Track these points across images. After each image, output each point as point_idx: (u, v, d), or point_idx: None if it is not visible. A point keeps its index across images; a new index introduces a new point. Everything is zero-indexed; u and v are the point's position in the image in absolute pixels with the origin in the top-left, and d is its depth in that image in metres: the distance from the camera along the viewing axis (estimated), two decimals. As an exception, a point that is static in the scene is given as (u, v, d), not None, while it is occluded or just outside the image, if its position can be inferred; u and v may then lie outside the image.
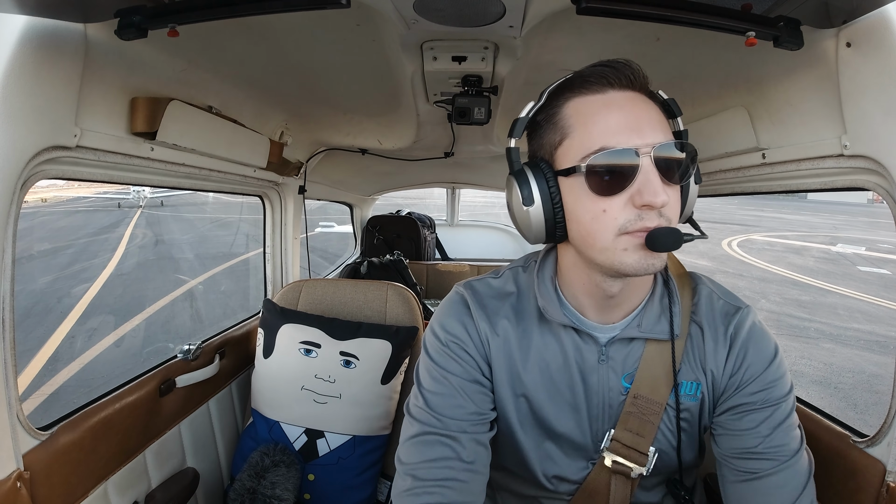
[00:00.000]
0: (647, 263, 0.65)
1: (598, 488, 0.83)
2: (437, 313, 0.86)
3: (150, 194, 17.76)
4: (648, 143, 0.64)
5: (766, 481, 0.72)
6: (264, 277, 2.06)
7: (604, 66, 0.68)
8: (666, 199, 0.64)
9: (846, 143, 0.81)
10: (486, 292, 0.85)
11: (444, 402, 0.78)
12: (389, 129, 1.86)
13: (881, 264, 10.96)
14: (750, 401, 0.76)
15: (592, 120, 0.67)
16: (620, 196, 0.65)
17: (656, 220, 0.65)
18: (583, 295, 0.78)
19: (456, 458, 0.75)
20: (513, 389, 0.82)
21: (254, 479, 1.36)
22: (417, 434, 0.78)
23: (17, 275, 0.83)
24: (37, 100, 0.77)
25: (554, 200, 0.70)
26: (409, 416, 0.82)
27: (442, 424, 0.77)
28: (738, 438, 0.76)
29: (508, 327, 0.81)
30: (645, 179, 0.64)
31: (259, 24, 0.97)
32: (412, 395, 0.84)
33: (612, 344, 0.79)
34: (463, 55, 1.10)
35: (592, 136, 0.66)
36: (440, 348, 0.82)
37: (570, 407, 0.81)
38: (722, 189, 1.29)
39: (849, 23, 0.75)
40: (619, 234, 0.65)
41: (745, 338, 0.78)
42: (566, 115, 0.69)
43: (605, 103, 0.67)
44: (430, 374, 0.81)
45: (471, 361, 0.81)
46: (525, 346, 0.81)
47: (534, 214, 0.71)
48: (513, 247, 4.04)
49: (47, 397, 4.20)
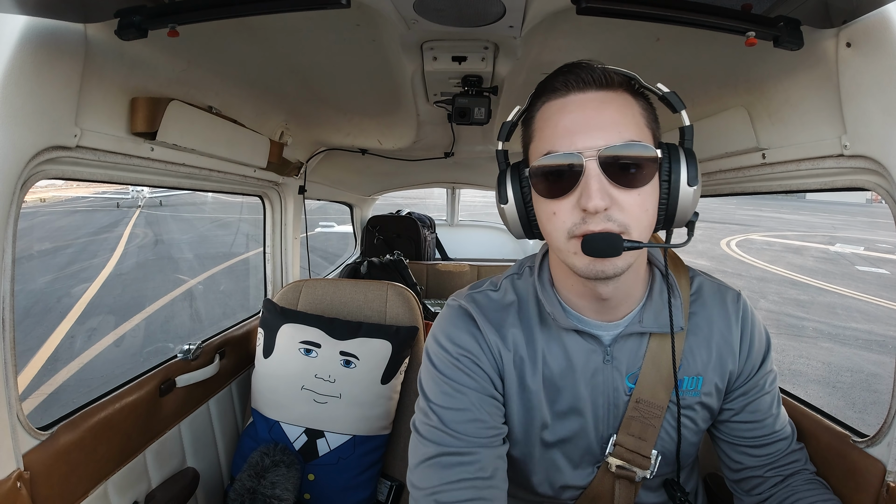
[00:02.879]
0: (596, 269, 0.65)
1: (602, 493, 0.84)
2: (441, 325, 0.83)
3: (148, 194, 17.75)
4: (592, 146, 0.63)
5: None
6: (264, 277, 2.06)
7: (566, 69, 0.68)
8: (602, 203, 0.62)
9: (846, 143, 0.81)
10: (490, 305, 0.82)
11: (461, 417, 0.74)
12: (389, 129, 1.86)
13: (880, 264, 10.97)
14: (759, 384, 0.82)
15: (549, 123, 0.68)
16: (568, 199, 0.65)
17: (602, 224, 0.64)
18: (575, 296, 0.78)
19: (478, 478, 0.71)
20: (522, 401, 0.80)
21: (254, 478, 1.35)
22: (434, 455, 0.73)
23: (17, 274, 0.83)
24: (37, 100, 0.77)
25: (525, 199, 0.74)
26: (418, 435, 0.77)
27: (461, 443, 0.73)
28: (752, 424, 0.83)
29: (517, 337, 0.80)
30: (586, 184, 0.63)
31: (259, 25, 0.97)
32: (420, 411, 0.79)
33: (615, 343, 0.79)
34: (463, 55, 1.10)
35: (545, 140, 0.68)
36: (450, 361, 0.78)
37: (576, 412, 0.80)
38: (722, 189, 1.29)
39: (849, 23, 0.75)
40: (569, 238, 0.66)
41: (752, 320, 0.82)
42: (535, 119, 0.72)
43: (562, 107, 0.67)
44: (441, 389, 0.77)
45: (483, 376, 0.78)
46: (532, 355, 0.79)
47: (508, 211, 0.76)
48: (512, 247, 4.04)
49: (47, 397, 4.20)
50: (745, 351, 0.81)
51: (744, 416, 0.82)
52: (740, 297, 0.84)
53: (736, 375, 0.81)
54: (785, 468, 0.82)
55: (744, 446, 0.83)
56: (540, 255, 0.85)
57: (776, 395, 0.84)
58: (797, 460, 0.83)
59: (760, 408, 0.82)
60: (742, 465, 0.84)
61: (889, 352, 5.64)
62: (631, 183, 0.64)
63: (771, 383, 0.83)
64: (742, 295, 0.85)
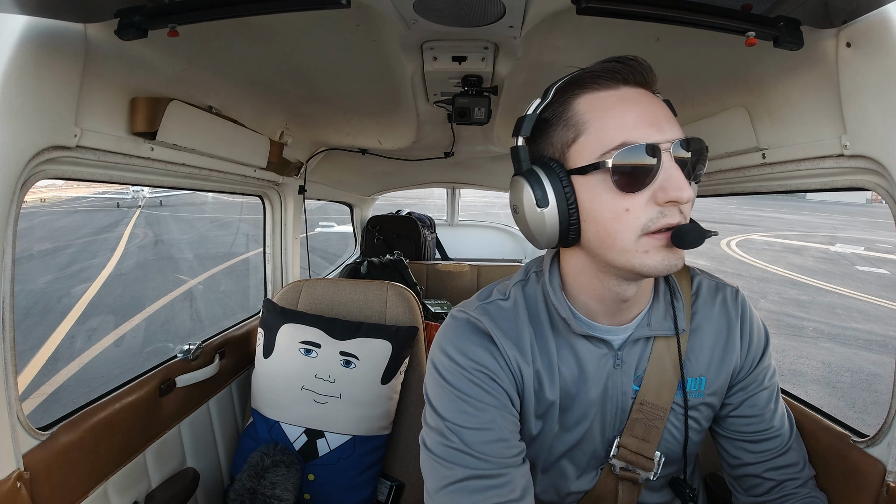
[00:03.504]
0: (671, 264, 0.64)
1: (605, 495, 0.84)
2: (449, 337, 0.77)
3: (148, 194, 17.75)
4: (668, 138, 0.63)
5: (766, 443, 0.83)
6: (264, 277, 2.06)
7: (616, 62, 0.66)
8: (691, 194, 0.62)
9: (846, 143, 0.81)
10: (503, 316, 0.78)
11: (484, 438, 0.70)
12: (389, 129, 1.86)
13: (880, 264, 10.97)
14: (758, 378, 0.82)
15: (609, 115, 0.64)
16: (643, 193, 0.63)
17: (678, 217, 0.63)
18: (593, 300, 0.75)
19: (510, 500, 0.67)
20: (538, 414, 0.78)
21: (254, 479, 1.35)
22: (461, 479, 0.68)
23: (17, 274, 0.83)
24: (37, 100, 0.77)
25: (569, 201, 0.66)
26: (435, 457, 0.71)
27: (488, 465, 0.68)
28: (751, 419, 0.83)
29: (534, 350, 0.77)
30: (668, 175, 0.62)
31: (259, 25, 0.97)
32: (433, 430, 0.73)
33: (624, 346, 0.78)
34: (463, 55, 1.10)
35: (611, 132, 0.63)
36: (464, 376, 0.73)
37: (586, 418, 0.79)
38: (722, 189, 1.29)
39: (849, 23, 0.75)
40: (640, 236, 0.63)
41: (750, 316, 0.83)
42: (579, 112, 0.66)
43: (620, 98, 0.65)
44: (457, 407, 0.72)
45: (502, 393, 0.74)
46: (548, 365, 0.77)
47: (549, 216, 0.66)
48: (512, 247, 4.04)
49: (47, 397, 4.20)
50: (744, 346, 0.81)
51: (742, 411, 0.83)
52: (738, 293, 0.85)
53: (737, 372, 0.82)
54: (782, 471, 0.82)
55: (742, 441, 0.84)
56: (549, 261, 0.80)
57: (774, 390, 0.84)
58: (795, 463, 0.82)
59: (759, 402, 0.82)
60: (740, 460, 0.84)
61: (889, 352, 5.64)
62: (694, 177, 0.65)
63: (769, 378, 0.83)
64: (740, 291, 0.85)
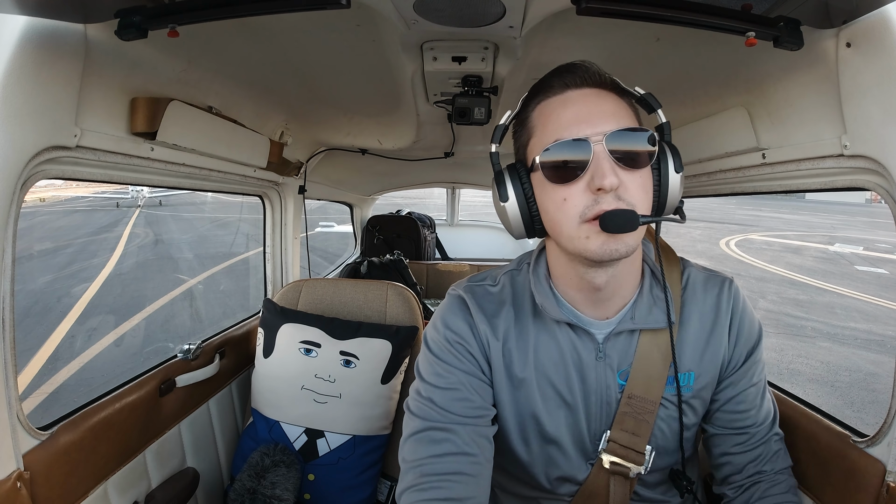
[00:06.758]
0: (611, 248, 0.68)
1: (598, 489, 0.84)
2: (439, 312, 0.88)
3: (148, 194, 17.74)
4: (599, 131, 0.68)
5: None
6: (264, 277, 2.06)
7: (562, 69, 0.74)
8: (616, 181, 0.66)
9: (846, 143, 0.81)
10: (485, 296, 0.86)
11: (449, 396, 0.79)
12: (389, 129, 1.86)
13: (879, 264, 10.97)
14: (748, 374, 0.83)
15: (551, 118, 0.72)
16: (578, 183, 0.69)
17: (614, 203, 0.68)
18: (572, 289, 0.80)
19: (461, 453, 0.75)
20: (510, 390, 0.83)
21: (254, 479, 1.35)
22: (421, 430, 0.78)
23: (17, 274, 0.83)
24: (37, 100, 0.77)
25: (527, 195, 0.76)
26: (409, 413, 0.82)
27: (446, 419, 0.78)
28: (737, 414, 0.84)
29: (509, 329, 0.83)
30: (597, 165, 0.67)
31: (259, 25, 0.97)
32: (413, 392, 0.85)
33: (608, 340, 0.80)
34: (463, 55, 1.10)
35: (549, 132, 0.72)
36: (444, 345, 0.83)
37: (567, 407, 0.82)
38: (722, 189, 1.29)
39: (849, 23, 0.75)
40: (580, 223, 0.69)
41: (742, 308, 0.83)
42: (532, 118, 0.76)
43: (561, 102, 0.72)
44: (433, 370, 0.82)
45: (472, 360, 0.83)
46: (523, 347, 0.82)
47: (510, 209, 0.76)
48: (512, 247, 4.04)
49: (47, 396, 4.19)
50: (733, 339, 0.82)
51: (731, 407, 0.84)
52: (732, 284, 0.85)
53: (726, 365, 0.82)
54: (760, 462, 0.84)
55: (725, 434, 0.86)
56: (537, 251, 0.88)
57: (762, 385, 0.85)
58: (775, 451, 0.84)
59: (747, 399, 0.83)
60: (722, 451, 0.86)
61: (888, 351, 5.64)
62: (634, 164, 0.69)
63: (758, 374, 0.84)
64: (734, 282, 0.85)
